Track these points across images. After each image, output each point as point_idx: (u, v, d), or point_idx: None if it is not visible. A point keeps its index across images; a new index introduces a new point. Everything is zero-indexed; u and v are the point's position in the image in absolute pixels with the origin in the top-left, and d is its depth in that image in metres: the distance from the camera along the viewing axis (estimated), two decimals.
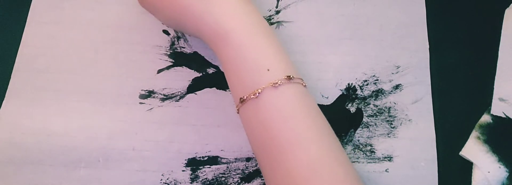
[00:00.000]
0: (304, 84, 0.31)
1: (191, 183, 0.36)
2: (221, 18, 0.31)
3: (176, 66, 0.40)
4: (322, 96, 0.39)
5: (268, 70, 0.30)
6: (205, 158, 0.37)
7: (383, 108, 0.39)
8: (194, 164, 0.37)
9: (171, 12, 0.33)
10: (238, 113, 0.32)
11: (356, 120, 0.38)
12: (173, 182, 0.36)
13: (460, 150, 0.38)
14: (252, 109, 0.30)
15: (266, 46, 0.31)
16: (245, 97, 0.30)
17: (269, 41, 0.31)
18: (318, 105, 0.39)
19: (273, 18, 0.41)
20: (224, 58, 0.31)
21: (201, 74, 0.40)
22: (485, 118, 0.39)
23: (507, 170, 0.37)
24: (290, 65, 0.31)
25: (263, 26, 0.32)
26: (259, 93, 0.29)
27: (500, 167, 0.37)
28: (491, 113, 0.39)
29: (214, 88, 0.39)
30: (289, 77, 0.30)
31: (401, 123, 0.38)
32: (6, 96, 0.38)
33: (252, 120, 0.30)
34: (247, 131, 0.32)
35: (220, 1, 0.31)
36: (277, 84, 0.29)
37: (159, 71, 0.40)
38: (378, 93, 0.39)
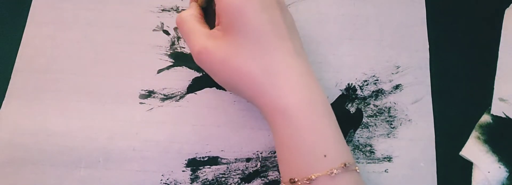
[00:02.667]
0: (358, 170, 0.29)
1: (191, 183, 0.36)
2: (284, 93, 0.29)
3: (176, 66, 0.40)
4: None
5: (325, 156, 0.28)
6: (205, 158, 0.37)
7: (383, 108, 0.39)
8: (194, 164, 0.37)
9: (228, 77, 0.31)
10: None
11: (356, 120, 0.38)
12: (173, 182, 0.36)
13: (460, 150, 0.38)
14: None
15: (325, 128, 0.29)
16: (296, 179, 0.28)
17: (328, 122, 0.30)
18: None
19: None
20: (279, 133, 0.30)
21: (201, 74, 0.40)
22: (485, 118, 0.39)
23: (507, 170, 0.37)
24: (345, 150, 0.30)
25: (324, 105, 0.30)
26: (312, 180, 0.28)
27: (500, 167, 0.37)
28: (491, 113, 0.39)
29: (214, 88, 0.39)
30: (345, 165, 0.28)
31: (401, 123, 0.38)
32: (6, 96, 0.38)
33: None
34: None
35: (285, 74, 0.30)
36: (333, 174, 0.28)
37: (159, 71, 0.40)
38: (378, 93, 0.39)
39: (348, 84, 0.40)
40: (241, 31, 0.29)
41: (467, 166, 0.37)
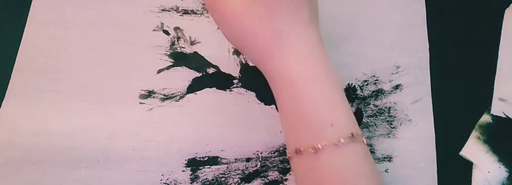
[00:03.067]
0: (365, 142, 0.29)
1: (191, 183, 0.36)
2: (292, 63, 0.28)
3: (176, 66, 0.40)
4: None
5: (332, 125, 0.28)
6: (205, 158, 0.37)
7: (383, 108, 0.39)
8: (194, 164, 0.37)
9: (237, 33, 0.29)
10: (289, 159, 0.30)
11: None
12: (173, 182, 0.36)
13: (460, 150, 0.38)
14: (308, 164, 0.28)
15: (332, 99, 0.29)
16: (301, 149, 0.28)
17: (336, 92, 0.29)
18: None
19: None
20: (285, 102, 0.29)
21: (201, 74, 0.40)
22: (485, 118, 0.39)
23: (507, 170, 0.37)
24: (353, 121, 0.29)
25: (332, 76, 0.29)
26: (318, 149, 0.27)
27: (500, 167, 0.37)
28: (491, 113, 0.39)
29: (214, 88, 0.39)
30: (352, 135, 0.28)
31: (401, 123, 0.38)
32: (6, 96, 0.38)
33: (307, 174, 0.29)
34: (297, 182, 0.30)
35: (296, 43, 0.29)
36: (340, 143, 0.27)
37: (159, 71, 0.40)
38: (378, 93, 0.39)
39: (348, 84, 0.40)
40: None
41: (467, 166, 0.37)
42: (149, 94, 0.39)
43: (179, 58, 0.40)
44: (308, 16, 0.29)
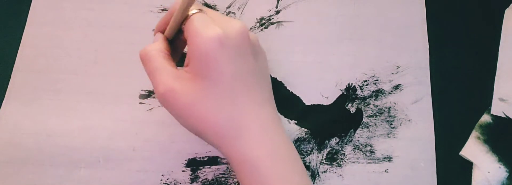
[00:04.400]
0: None
1: (191, 183, 0.36)
2: (250, 146, 0.28)
3: (176, 66, 0.40)
4: (322, 96, 0.39)
5: None
6: (205, 158, 0.37)
7: (383, 108, 0.39)
8: (194, 164, 0.37)
9: (193, 123, 0.29)
10: None
11: (356, 120, 0.38)
12: (173, 182, 0.36)
13: (460, 150, 0.38)
14: None
15: (292, 177, 0.29)
16: None
17: (296, 170, 0.29)
18: (318, 105, 0.39)
19: (273, 18, 0.41)
20: (246, 183, 0.29)
21: None
22: (485, 118, 0.39)
23: (507, 170, 0.37)
24: None
25: (290, 154, 0.30)
26: None
27: (500, 167, 0.37)
28: (491, 113, 0.39)
29: None
30: None
31: (401, 123, 0.38)
32: (6, 96, 0.38)
33: None
34: None
35: (252, 126, 0.29)
36: None
37: None
38: (378, 93, 0.39)
39: (348, 84, 0.40)
40: (212, 80, 0.28)
41: (467, 166, 0.37)
42: (149, 93, 0.39)
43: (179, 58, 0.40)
44: (261, 97, 0.30)
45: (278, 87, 0.39)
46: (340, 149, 0.38)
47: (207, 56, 0.27)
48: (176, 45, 0.33)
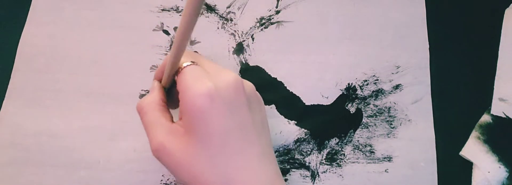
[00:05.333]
0: None
1: None
2: None
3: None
4: (322, 96, 0.39)
5: None
6: None
7: (383, 108, 0.39)
8: None
9: (186, 181, 0.28)
10: None
11: (356, 120, 0.38)
12: (173, 183, 0.36)
13: (460, 150, 0.38)
14: None
15: None
16: None
17: None
18: (318, 105, 0.39)
19: (273, 18, 0.41)
20: None
21: None
22: (485, 118, 0.39)
23: (507, 170, 0.37)
24: None
25: None
26: None
27: (500, 167, 0.37)
28: (491, 113, 0.39)
29: None
30: None
31: (400, 123, 0.38)
32: (6, 96, 0.38)
33: None
34: None
35: (249, 180, 0.27)
36: None
37: None
38: (378, 93, 0.39)
39: (348, 84, 0.40)
40: (202, 137, 0.26)
41: (467, 166, 0.37)
42: None
43: None
44: (258, 152, 0.28)
45: (278, 87, 0.39)
46: (340, 149, 0.38)
47: (197, 112, 0.26)
48: (174, 93, 0.31)
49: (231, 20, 0.41)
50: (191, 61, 0.28)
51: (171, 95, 0.32)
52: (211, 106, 0.26)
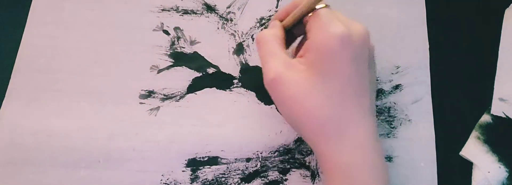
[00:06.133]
0: None
1: (191, 183, 0.36)
2: (348, 151, 0.28)
3: (176, 66, 0.40)
4: None
5: None
6: (205, 159, 0.37)
7: (383, 108, 0.39)
8: (194, 164, 0.37)
9: (295, 113, 0.29)
10: None
11: None
12: (173, 183, 0.36)
13: (460, 150, 0.38)
14: None
15: None
16: None
17: (383, 182, 0.29)
18: None
19: None
20: (330, 182, 0.29)
21: (201, 74, 0.40)
22: (485, 118, 0.39)
23: (507, 170, 0.37)
24: None
25: (383, 171, 0.29)
26: None
27: (500, 167, 0.37)
28: (491, 113, 0.39)
29: (214, 88, 0.39)
30: None
31: (400, 123, 0.38)
32: (6, 96, 0.38)
33: None
34: None
35: (355, 131, 0.28)
36: None
37: (159, 71, 0.40)
38: (378, 93, 0.39)
39: None
40: (327, 76, 0.28)
41: (467, 166, 0.37)
42: (149, 94, 0.39)
43: (179, 58, 0.40)
44: (369, 104, 0.29)
45: None
46: None
47: (328, 52, 0.27)
48: (289, 36, 0.33)
49: (231, 20, 0.41)
50: (325, 4, 0.30)
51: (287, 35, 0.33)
52: (342, 48, 0.27)
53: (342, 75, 0.28)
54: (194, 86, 0.39)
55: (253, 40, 0.41)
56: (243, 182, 0.36)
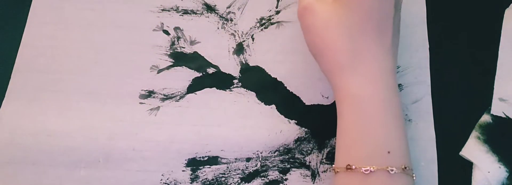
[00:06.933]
0: (414, 177, 0.30)
1: (191, 183, 0.36)
2: (363, 82, 0.30)
3: (176, 66, 0.40)
4: (322, 96, 0.39)
5: (388, 152, 0.29)
6: (205, 158, 0.37)
7: None
8: (194, 164, 0.37)
9: (318, 42, 0.31)
10: (333, 171, 0.30)
11: None
12: (173, 182, 0.36)
13: (460, 150, 0.38)
14: (355, 182, 0.29)
15: (393, 127, 0.29)
16: (353, 167, 0.28)
17: (397, 122, 0.30)
18: (318, 105, 0.39)
19: (273, 18, 0.41)
20: (345, 118, 0.30)
21: (201, 74, 0.40)
22: (485, 118, 0.39)
23: (507, 170, 0.37)
24: (407, 153, 0.30)
25: (397, 105, 0.30)
26: (371, 171, 0.28)
27: (500, 167, 0.37)
28: (491, 113, 0.39)
29: (214, 88, 0.39)
30: (405, 168, 0.29)
31: None
32: (6, 95, 0.38)
33: None
34: None
35: (371, 64, 0.30)
36: (392, 171, 0.28)
37: (159, 71, 0.40)
38: None
39: None
40: (350, 8, 0.30)
41: (467, 166, 0.37)
42: (149, 94, 0.39)
43: (179, 58, 0.40)
44: (390, 44, 0.31)
45: (278, 87, 0.39)
46: None
47: None
48: None
49: (231, 20, 0.41)
50: None
51: None
52: None
53: (363, 7, 0.29)
54: (194, 86, 0.39)
55: (253, 40, 0.41)
56: (243, 182, 0.36)
